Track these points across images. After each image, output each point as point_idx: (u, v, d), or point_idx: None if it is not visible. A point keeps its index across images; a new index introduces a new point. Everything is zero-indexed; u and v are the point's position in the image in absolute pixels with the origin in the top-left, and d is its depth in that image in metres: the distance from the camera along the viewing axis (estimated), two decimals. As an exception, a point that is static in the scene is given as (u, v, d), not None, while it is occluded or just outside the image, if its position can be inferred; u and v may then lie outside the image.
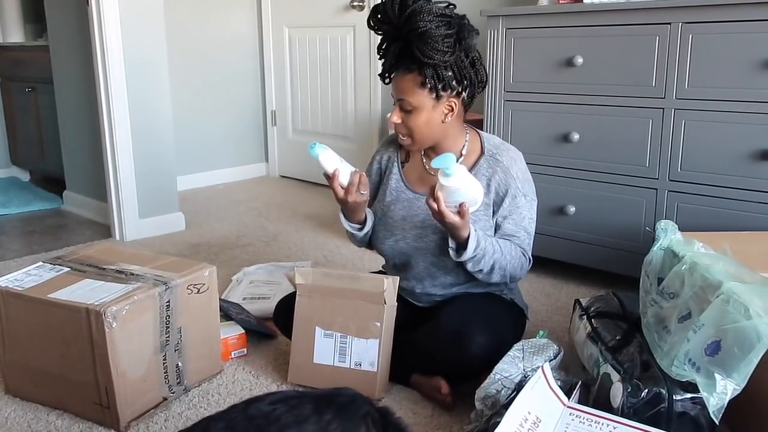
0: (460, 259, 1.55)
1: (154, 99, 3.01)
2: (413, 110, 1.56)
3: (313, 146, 1.58)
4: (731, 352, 1.18)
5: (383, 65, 1.61)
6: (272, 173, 4.41)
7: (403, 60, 1.55)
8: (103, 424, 1.52)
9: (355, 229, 1.71)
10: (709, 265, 1.34)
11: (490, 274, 1.58)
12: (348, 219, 1.70)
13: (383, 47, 1.60)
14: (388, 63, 1.58)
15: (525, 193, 1.64)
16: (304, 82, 4.09)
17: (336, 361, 1.62)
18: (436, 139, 1.63)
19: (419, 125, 1.58)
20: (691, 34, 1.96)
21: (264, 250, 2.82)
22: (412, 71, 1.54)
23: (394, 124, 1.60)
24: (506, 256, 1.58)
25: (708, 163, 1.99)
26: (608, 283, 2.30)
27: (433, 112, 1.57)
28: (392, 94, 1.61)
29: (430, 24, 1.47)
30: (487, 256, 1.55)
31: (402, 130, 1.60)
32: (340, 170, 1.59)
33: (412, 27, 1.49)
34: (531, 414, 1.25)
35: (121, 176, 2.96)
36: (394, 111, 1.60)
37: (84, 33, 2.97)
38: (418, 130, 1.58)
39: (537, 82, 2.29)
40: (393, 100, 1.61)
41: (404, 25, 1.50)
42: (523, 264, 1.65)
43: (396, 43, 1.55)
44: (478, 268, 1.56)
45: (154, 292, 1.53)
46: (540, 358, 1.51)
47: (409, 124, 1.58)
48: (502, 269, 1.59)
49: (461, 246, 1.54)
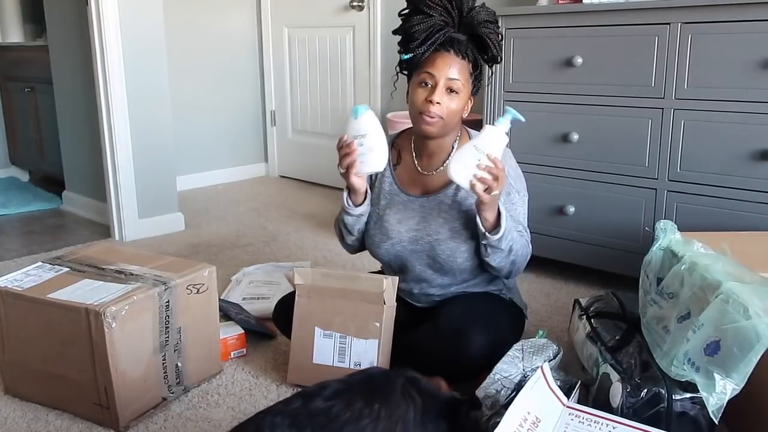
0: (496, 236, 1.52)
1: (153, 99, 3.01)
2: (458, 93, 1.56)
3: (359, 107, 1.54)
4: (730, 351, 1.18)
5: (420, 42, 1.54)
6: (272, 173, 4.41)
7: (453, 45, 1.55)
8: (103, 424, 1.52)
9: (356, 212, 1.67)
10: (708, 265, 1.34)
11: (507, 256, 1.57)
12: (353, 201, 1.66)
13: (426, 29, 1.54)
14: (431, 42, 1.54)
15: (518, 190, 1.66)
16: (303, 82, 4.09)
17: (335, 362, 1.62)
18: (454, 127, 1.63)
19: (457, 109, 1.57)
20: (691, 35, 1.96)
21: (263, 250, 2.82)
22: (465, 58, 1.56)
23: (434, 104, 1.54)
24: (517, 241, 1.59)
25: (707, 163, 1.99)
26: (608, 283, 2.30)
27: (466, 101, 1.60)
28: (430, 72, 1.55)
29: (493, 23, 1.57)
30: (508, 234, 1.54)
31: (439, 111, 1.55)
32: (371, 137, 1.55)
33: (480, 20, 1.55)
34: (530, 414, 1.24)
35: (121, 176, 2.96)
36: (434, 91, 1.54)
37: (83, 33, 2.97)
38: (453, 115, 1.57)
39: (536, 82, 2.29)
40: (423, 81, 1.55)
41: (470, 15, 1.55)
42: (528, 253, 1.65)
43: (450, 29, 1.56)
44: (501, 246, 1.54)
45: (154, 292, 1.53)
46: (539, 358, 1.51)
47: (450, 105, 1.56)
48: (516, 254, 1.59)
49: (493, 225, 1.53)
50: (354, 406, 1.04)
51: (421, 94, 1.56)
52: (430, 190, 1.68)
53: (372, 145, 1.54)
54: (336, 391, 1.07)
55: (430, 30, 1.54)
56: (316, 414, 1.02)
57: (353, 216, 1.68)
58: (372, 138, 1.54)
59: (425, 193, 1.68)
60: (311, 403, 1.04)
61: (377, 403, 1.06)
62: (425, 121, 1.57)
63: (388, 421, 1.06)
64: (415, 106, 1.58)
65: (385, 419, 1.06)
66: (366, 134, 1.53)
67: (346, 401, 1.05)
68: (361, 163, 1.55)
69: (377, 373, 1.15)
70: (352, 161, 1.55)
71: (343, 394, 1.06)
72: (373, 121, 1.55)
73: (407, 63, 1.62)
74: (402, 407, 1.09)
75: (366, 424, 1.03)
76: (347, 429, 1.02)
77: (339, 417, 1.02)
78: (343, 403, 1.04)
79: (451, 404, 1.18)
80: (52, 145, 3.73)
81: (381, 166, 1.59)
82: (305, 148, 4.17)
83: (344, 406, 1.04)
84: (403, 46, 1.60)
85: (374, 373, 1.16)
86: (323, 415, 1.02)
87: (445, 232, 1.63)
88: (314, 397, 1.05)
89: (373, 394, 1.08)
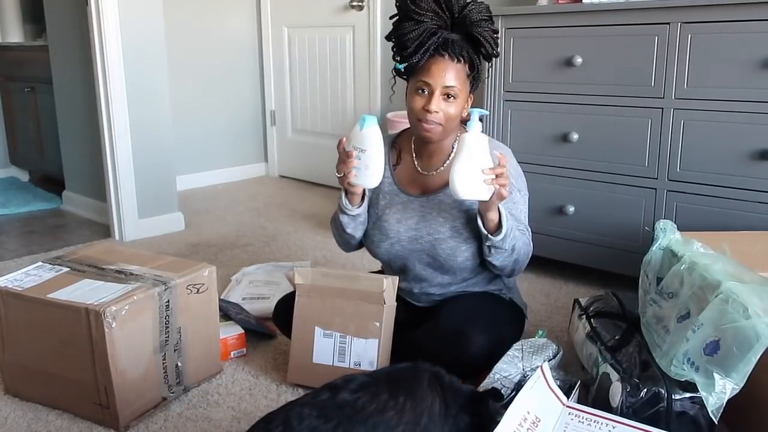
0: (498, 237, 1.52)
1: (153, 99, 3.01)
2: (456, 98, 1.55)
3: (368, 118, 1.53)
4: (730, 351, 1.18)
5: (413, 50, 1.53)
6: (271, 173, 4.41)
7: (447, 49, 1.52)
8: (103, 424, 1.52)
9: (351, 213, 1.66)
10: (708, 265, 1.34)
11: (510, 256, 1.57)
12: (350, 201, 1.65)
13: (418, 35, 1.52)
14: (425, 50, 1.52)
15: (519, 188, 1.66)
16: (303, 81, 4.09)
17: (335, 361, 1.62)
18: (454, 129, 1.62)
19: (456, 113, 1.56)
20: (691, 34, 1.96)
21: (263, 250, 2.82)
22: (461, 61, 1.54)
23: (432, 112, 1.53)
24: (519, 239, 1.59)
25: (707, 163, 1.99)
26: (607, 282, 2.30)
27: (464, 102, 1.59)
28: (426, 80, 1.53)
29: (487, 20, 1.54)
30: (510, 233, 1.54)
31: (437, 119, 1.55)
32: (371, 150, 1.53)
33: (473, 19, 1.53)
34: (530, 413, 1.25)
35: (121, 176, 2.96)
36: (431, 99, 1.53)
37: (83, 33, 2.97)
38: (452, 119, 1.56)
39: (536, 82, 2.30)
40: (420, 88, 1.54)
41: (462, 14, 1.53)
42: (529, 251, 1.65)
43: (443, 31, 1.53)
44: (504, 246, 1.54)
45: (154, 292, 1.53)
46: (539, 358, 1.51)
47: (449, 111, 1.55)
48: (518, 252, 1.59)
49: (495, 227, 1.53)
50: (379, 398, 1.07)
51: (419, 101, 1.56)
52: (430, 189, 1.68)
53: (368, 163, 1.52)
54: (362, 383, 1.10)
55: (423, 36, 1.52)
56: (342, 405, 1.05)
57: (348, 215, 1.67)
58: (370, 156, 1.52)
59: (425, 193, 1.68)
60: (338, 395, 1.07)
61: (402, 396, 1.09)
62: (424, 128, 1.57)
63: (413, 413, 1.09)
64: (413, 113, 1.58)
65: (410, 411, 1.09)
66: (365, 150, 1.52)
67: (371, 393, 1.08)
68: (355, 176, 1.54)
69: (403, 368, 1.19)
70: (348, 171, 1.54)
71: (369, 386, 1.09)
72: (375, 137, 1.52)
73: (404, 69, 1.62)
74: (427, 400, 1.11)
75: (391, 416, 1.06)
76: (372, 420, 1.04)
77: (365, 409, 1.05)
78: (369, 395, 1.07)
79: (474, 398, 1.21)
80: (52, 144, 3.73)
81: (373, 184, 1.56)
82: (305, 148, 4.17)
83: (370, 398, 1.07)
84: (397, 54, 1.59)
85: (400, 367, 1.19)
86: (349, 407, 1.05)
87: (445, 231, 1.63)
88: (341, 390, 1.08)
89: (398, 387, 1.11)
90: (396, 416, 1.07)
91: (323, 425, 1.02)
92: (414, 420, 1.08)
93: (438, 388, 1.16)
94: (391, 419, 1.06)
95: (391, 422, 1.06)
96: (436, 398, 1.13)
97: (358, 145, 1.52)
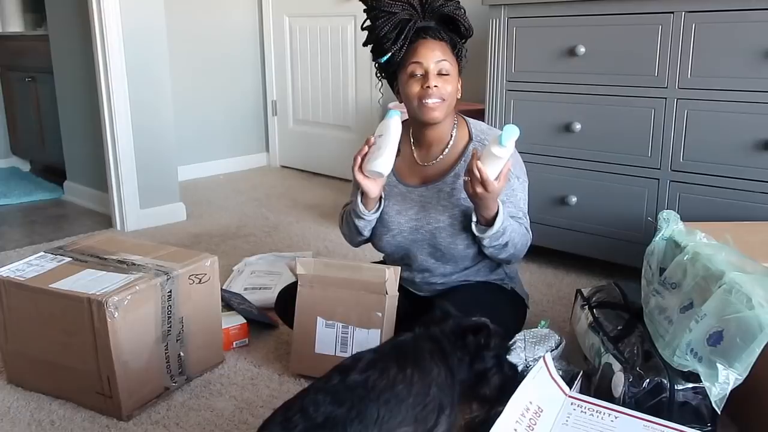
0: (486, 234, 1.54)
1: (154, 89, 3.00)
2: (449, 74, 1.57)
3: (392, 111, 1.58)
4: (733, 342, 1.18)
5: (393, 39, 1.57)
6: (273, 163, 4.40)
7: (427, 33, 1.57)
8: (106, 414, 1.52)
9: (368, 218, 1.66)
10: (711, 255, 1.34)
11: (503, 249, 1.58)
12: (365, 205, 1.65)
13: (395, 26, 1.57)
14: (404, 36, 1.56)
15: (518, 176, 1.66)
16: (304, 71, 4.07)
17: (338, 351, 1.62)
18: (452, 110, 1.63)
19: (453, 90, 1.59)
20: (694, 23, 1.94)
21: (265, 240, 2.82)
22: (443, 40, 1.58)
23: (434, 88, 1.55)
24: (516, 232, 1.59)
25: (710, 153, 1.98)
26: (610, 273, 2.30)
27: (457, 80, 1.61)
28: (417, 61, 1.56)
29: (457, 3, 1.59)
30: (506, 231, 1.55)
31: (439, 94, 1.56)
32: None
33: (440, 1, 1.57)
34: (532, 404, 1.25)
35: (122, 166, 2.95)
36: (427, 77, 1.55)
37: (84, 22, 2.95)
38: (451, 96, 1.59)
39: (539, 72, 2.28)
40: (413, 72, 1.57)
41: (429, 2, 1.57)
42: (527, 241, 1.65)
43: (417, 20, 1.57)
44: (495, 242, 1.55)
45: (156, 282, 1.53)
46: (541, 348, 1.51)
47: (446, 87, 1.57)
48: (514, 246, 1.59)
49: (487, 221, 1.54)
50: (389, 373, 1.11)
51: (416, 84, 1.57)
52: (429, 179, 1.68)
53: (382, 145, 1.54)
54: (370, 361, 1.13)
55: (400, 24, 1.56)
56: (353, 387, 1.08)
57: (365, 220, 1.68)
58: (385, 140, 1.54)
59: (424, 183, 1.68)
60: (348, 377, 1.10)
61: (409, 367, 1.13)
62: (428, 107, 1.57)
63: (422, 383, 1.13)
64: (413, 97, 1.58)
65: (419, 382, 1.12)
66: (382, 135, 1.55)
67: (380, 370, 1.11)
68: (368, 161, 1.55)
69: (406, 339, 1.22)
70: (362, 155, 1.55)
71: (376, 363, 1.13)
72: (394, 127, 1.55)
73: (388, 65, 1.62)
74: (434, 371, 1.15)
75: (401, 389, 1.10)
76: (384, 396, 1.08)
77: (376, 386, 1.08)
78: (377, 372, 1.10)
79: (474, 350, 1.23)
80: (53, 135, 3.72)
81: (383, 168, 1.54)
82: (307, 138, 4.16)
83: (379, 374, 1.10)
84: (377, 52, 1.62)
85: (403, 339, 1.23)
86: (360, 387, 1.08)
87: (445, 219, 1.63)
88: (350, 371, 1.11)
89: (405, 359, 1.14)
90: (405, 389, 1.10)
91: (338, 410, 1.05)
92: (423, 391, 1.12)
93: (440, 356, 1.19)
94: (401, 392, 1.10)
95: (401, 395, 1.10)
96: (441, 367, 1.17)
97: (378, 132, 1.56)
